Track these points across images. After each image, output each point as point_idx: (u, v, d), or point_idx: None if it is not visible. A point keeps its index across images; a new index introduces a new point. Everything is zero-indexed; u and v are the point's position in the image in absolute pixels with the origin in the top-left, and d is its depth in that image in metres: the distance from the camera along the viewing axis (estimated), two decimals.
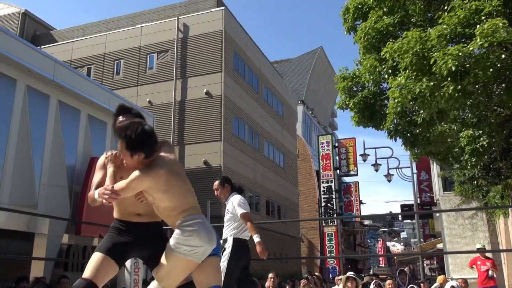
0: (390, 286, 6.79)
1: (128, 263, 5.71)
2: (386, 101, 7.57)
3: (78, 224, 11.50)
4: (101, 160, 3.04)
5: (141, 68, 21.97)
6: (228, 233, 4.78)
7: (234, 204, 4.76)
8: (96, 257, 2.76)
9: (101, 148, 13.18)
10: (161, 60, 21.83)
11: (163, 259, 2.78)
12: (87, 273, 2.69)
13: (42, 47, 22.98)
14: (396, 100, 6.13)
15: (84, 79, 13.69)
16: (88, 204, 11.30)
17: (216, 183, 5.04)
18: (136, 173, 2.69)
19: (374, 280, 7.17)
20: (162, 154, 2.86)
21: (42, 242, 10.79)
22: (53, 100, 11.76)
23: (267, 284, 8.03)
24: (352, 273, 7.53)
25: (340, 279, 8.46)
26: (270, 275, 8.05)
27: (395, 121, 7.14)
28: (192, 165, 19.67)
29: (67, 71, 12.42)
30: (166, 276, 2.79)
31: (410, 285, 7.31)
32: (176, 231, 2.77)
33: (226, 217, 4.87)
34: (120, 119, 2.88)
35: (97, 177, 2.96)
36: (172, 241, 2.76)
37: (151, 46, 22.03)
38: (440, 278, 9.14)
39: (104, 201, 2.66)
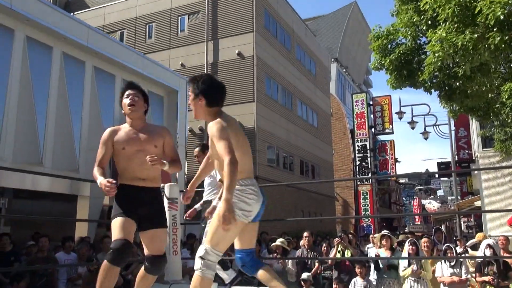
0: (426, 244, 6.77)
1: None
2: (424, 57, 7.30)
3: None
4: (105, 135, 3.28)
5: (172, 30, 21.93)
6: (211, 197, 5.01)
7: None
8: (116, 222, 3.03)
9: None
10: (192, 22, 21.70)
11: (214, 220, 2.78)
12: (116, 234, 2.96)
13: (75, 13, 23.19)
14: (436, 54, 5.90)
15: (117, 44, 13.82)
16: None
17: (197, 150, 5.27)
18: (213, 125, 2.82)
19: (410, 238, 7.17)
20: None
21: (85, 204, 11.26)
22: (88, 65, 11.97)
23: (302, 242, 8.19)
24: (387, 231, 7.56)
25: (375, 237, 8.53)
26: (305, 233, 8.19)
27: (433, 74, 6.89)
28: None
29: (100, 37, 12.55)
30: (222, 240, 2.79)
31: (445, 244, 7.28)
32: (237, 192, 2.77)
33: (208, 181, 5.10)
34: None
35: (100, 152, 3.23)
36: (234, 201, 2.77)
37: (182, 8, 21.87)
38: (479, 235, 9.05)
39: (105, 192, 2.94)
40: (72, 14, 20.89)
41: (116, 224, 3.00)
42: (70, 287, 7.09)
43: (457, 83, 6.64)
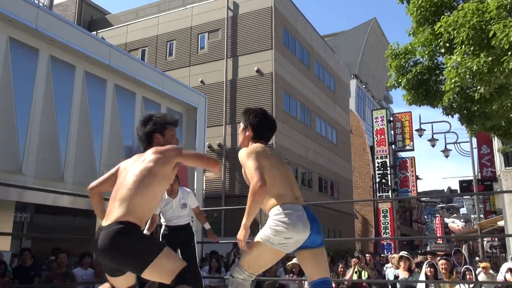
0: (444, 266, 6.63)
1: None
2: (441, 77, 7.26)
3: None
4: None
5: (192, 48, 22.26)
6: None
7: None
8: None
9: None
10: (212, 40, 22.01)
11: (252, 243, 2.80)
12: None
13: (98, 31, 23.81)
14: (453, 81, 5.87)
15: (138, 62, 14.09)
16: None
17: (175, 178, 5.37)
18: (243, 151, 2.94)
19: (427, 260, 7.05)
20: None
21: None
22: (109, 83, 12.24)
23: None
24: (405, 252, 7.46)
25: (393, 257, 8.41)
26: None
27: (451, 97, 6.85)
28: None
29: (121, 56, 12.83)
30: (253, 263, 2.78)
31: (465, 266, 7.13)
32: (271, 219, 2.76)
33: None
34: None
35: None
36: (264, 229, 2.76)
37: (202, 26, 22.22)
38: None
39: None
40: (95, 32, 21.48)
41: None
42: None
43: (475, 107, 6.58)
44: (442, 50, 6.35)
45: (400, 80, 7.53)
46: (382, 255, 13.58)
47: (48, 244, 9.61)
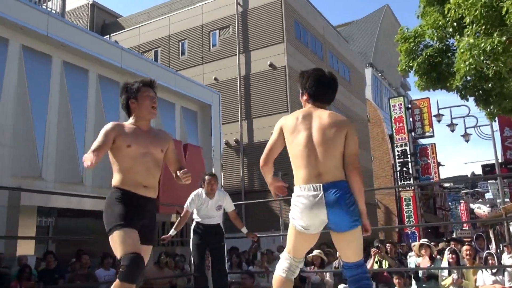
0: (468, 252, 6.50)
1: None
2: (454, 59, 7.08)
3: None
4: (108, 126, 3.00)
5: (204, 46, 22.30)
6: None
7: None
8: (122, 233, 2.75)
9: (171, 129, 13.69)
10: (223, 36, 22.01)
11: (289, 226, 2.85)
12: (124, 249, 2.70)
13: (111, 35, 24.03)
14: (467, 63, 5.72)
15: (150, 63, 14.18)
16: (164, 183, 11.73)
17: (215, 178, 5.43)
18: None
19: (449, 247, 6.93)
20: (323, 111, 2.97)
21: None
22: None
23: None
24: (426, 240, 7.34)
25: (414, 245, 8.29)
26: None
27: (464, 78, 6.68)
28: (261, 138, 19.88)
29: (133, 57, 12.92)
30: (290, 245, 2.84)
31: (487, 251, 6.98)
32: (293, 198, 2.77)
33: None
34: None
35: (98, 141, 2.92)
36: (291, 211, 2.82)
37: (213, 23, 22.23)
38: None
39: (84, 164, 2.69)
40: (108, 36, 21.69)
41: (122, 236, 2.72)
42: None
43: (489, 85, 6.39)
44: (451, 30, 6.19)
45: (411, 65, 7.39)
46: (402, 244, 13.38)
47: (72, 247, 9.77)
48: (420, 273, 6.56)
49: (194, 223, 5.43)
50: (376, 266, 7.33)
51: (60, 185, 9.96)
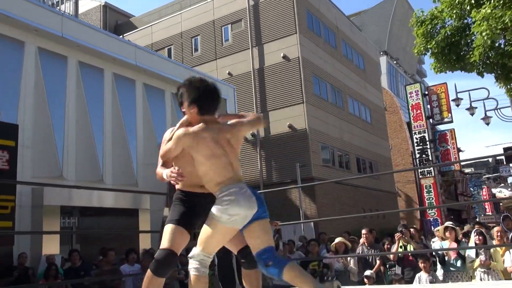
0: (499, 233, 6.33)
1: None
2: (473, 37, 6.90)
3: None
4: (167, 135, 3.08)
5: (217, 41, 22.28)
6: None
7: None
8: (169, 228, 2.91)
9: None
10: (235, 31, 21.96)
11: (205, 225, 2.88)
12: (164, 243, 2.86)
13: (124, 35, 24.18)
14: (483, 34, 5.57)
15: (164, 59, 14.22)
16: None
17: None
18: (179, 130, 2.85)
19: (476, 228, 6.79)
20: (216, 121, 2.96)
21: (146, 217, 11.62)
22: (138, 83, 12.40)
23: (361, 240, 7.99)
24: (450, 222, 7.22)
25: (438, 230, 8.17)
26: (363, 231, 7.98)
27: (484, 55, 6.50)
28: (277, 131, 19.83)
29: (147, 55, 12.97)
30: (206, 241, 2.86)
31: None
32: (216, 201, 2.85)
33: None
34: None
35: (168, 149, 2.94)
36: (213, 209, 2.83)
37: (224, 18, 22.19)
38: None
39: (172, 181, 2.84)
40: (121, 36, 21.81)
41: (167, 231, 2.89)
42: None
43: (510, 60, 6.22)
44: (468, 8, 6.03)
45: (428, 46, 7.23)
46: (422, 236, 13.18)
47: (95, 246, 9.88)
48: (446, 256, 6.45)
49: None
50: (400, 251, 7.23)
51: (81, 184, 10.06)
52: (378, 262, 7.45)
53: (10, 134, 8.38)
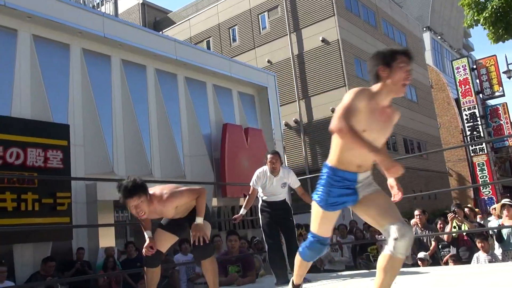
0: None
1: None
2: None
3: (223, 187, 12.35)
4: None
5: (255, 30, 22.23)
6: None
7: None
8: (156, 233, 3.77)
9: (230, 115, 13.83)
10: (272, 18, 21.82)
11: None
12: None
13: (163, 31, 24.58)
14: None
15: (204, 52, 14.34)
16: (229, 168, 11.94)
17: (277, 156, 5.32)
18: None
19: None
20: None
21: None
22: (180, 77, 12.58)
23: (413, 221, 7.82)
24: (508, 200, 6.92)
25: (495, 208, 7.86)
26: (416, 212, 7.82)
27: None
28: (320, 116, 19.63)
29: (187, 48, 13.12)
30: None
31: None
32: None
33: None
34: None
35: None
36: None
37: (261, 6, 22.08)
38: None
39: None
40: (161, 32, 22.17)
41: (156, 235, 3.82)
42: (191, 286, 7.49)
43: None
44: None
45: (477, 18, 6.90)
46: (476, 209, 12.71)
47: None
48: (505, 234, 6.20)
49: (260, 202, 5.44)
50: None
51: None
52: (433, 243, 7.27)
53: (62, 134, 8.74)
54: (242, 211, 5.45)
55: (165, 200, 3.54)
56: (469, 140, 25.45)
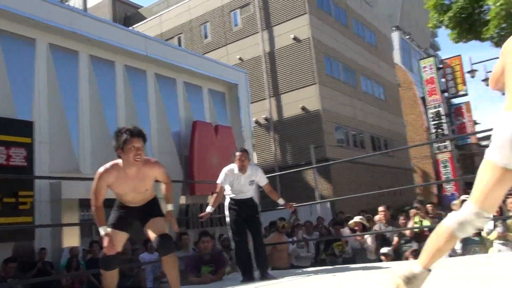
0: None
1: None
2: (486, 7, 6.78)
3: (191, 185, 12.34)
4: (99, 179, 3.53)
5: (226, 27, 22.20)
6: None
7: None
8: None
9: (200, 112, 13.81)
10: (244, 15, 21.83)
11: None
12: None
13: (134, 26, 24.24)
14: (497, 4, 5.47)
15: (174, 48, 14.26)
16: (198, 166, 11.89)
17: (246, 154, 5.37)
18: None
19: None
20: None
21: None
22: (150, 73, 12.49)
23: (377, 217, 8.02)
24: (467, 196, 7.18)
25: (455, 204, 8.14)
26: (380, 208, 8.00)
27: (500, 26, 6.39)
28: (290, 113, 19.80)
29: (158, 44, 13.02)
30: (479, 194, 2.14)
31: None
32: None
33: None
34: None
35: (97, 192, 3.53)
36: None
37: (233, 3, 22.06)
38: None
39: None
40: (131, 27, 21.89)
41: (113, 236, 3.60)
42: (157, 285, 7.47)
43: None
44: None
45: (441, 19, 7.14)
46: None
47: None
48: None
49: (227, 200, 5.48)
50: None
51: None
52: (395, 239, 7.48)
53: (26, 131, 8.56)
54: (210, 209, 5.46)
55: (153, 163, 3.64)
56: (434, 137, 26.14)
